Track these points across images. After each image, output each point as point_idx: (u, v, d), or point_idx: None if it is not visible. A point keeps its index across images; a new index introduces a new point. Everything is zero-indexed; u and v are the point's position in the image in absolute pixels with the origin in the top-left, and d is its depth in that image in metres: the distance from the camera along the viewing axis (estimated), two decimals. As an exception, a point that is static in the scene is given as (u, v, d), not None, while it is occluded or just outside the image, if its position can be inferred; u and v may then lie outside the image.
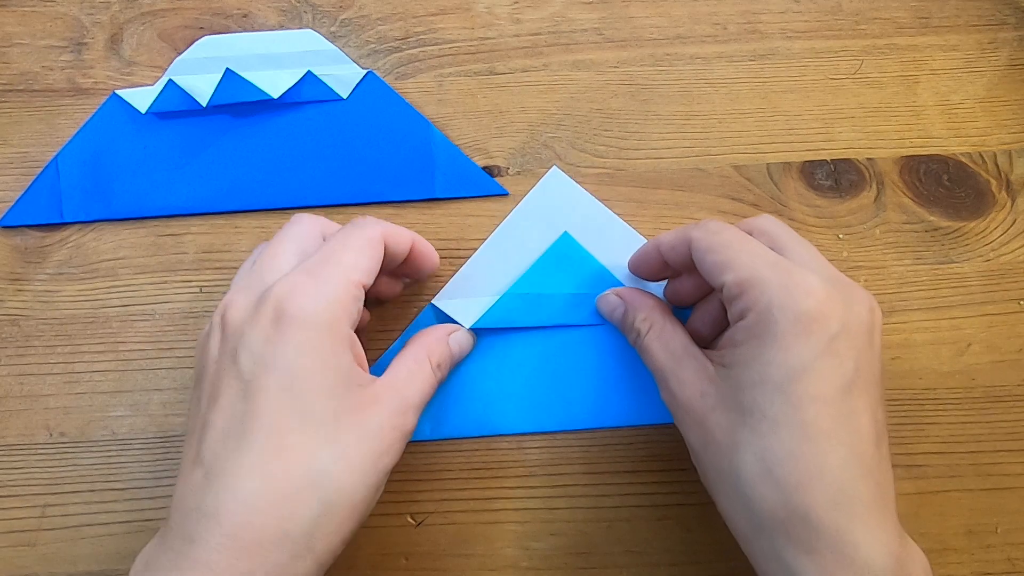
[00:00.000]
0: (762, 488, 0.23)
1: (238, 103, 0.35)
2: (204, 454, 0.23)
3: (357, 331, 0.26)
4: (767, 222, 0.28)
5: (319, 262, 0.25)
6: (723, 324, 0.28)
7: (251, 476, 0.22)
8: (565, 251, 0.33)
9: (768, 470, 0.23)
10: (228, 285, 0.34)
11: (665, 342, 0.28)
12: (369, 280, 0.26)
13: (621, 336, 0.33)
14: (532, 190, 0.35)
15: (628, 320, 0.30)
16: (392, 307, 0.34)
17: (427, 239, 0.34)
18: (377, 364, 0.32)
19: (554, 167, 0.35)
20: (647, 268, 0.31)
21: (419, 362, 0.28)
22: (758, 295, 0.25)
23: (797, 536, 0.23)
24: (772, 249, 0.27)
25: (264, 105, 0.36)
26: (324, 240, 0.27)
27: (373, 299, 0.32)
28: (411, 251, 0.29)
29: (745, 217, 0.35)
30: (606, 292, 0.32)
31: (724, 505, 0.25)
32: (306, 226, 0.28)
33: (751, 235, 0.28)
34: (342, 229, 0.27)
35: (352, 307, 0.25)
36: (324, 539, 0.23)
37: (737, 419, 0.24)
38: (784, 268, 0.25)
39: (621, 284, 0.33)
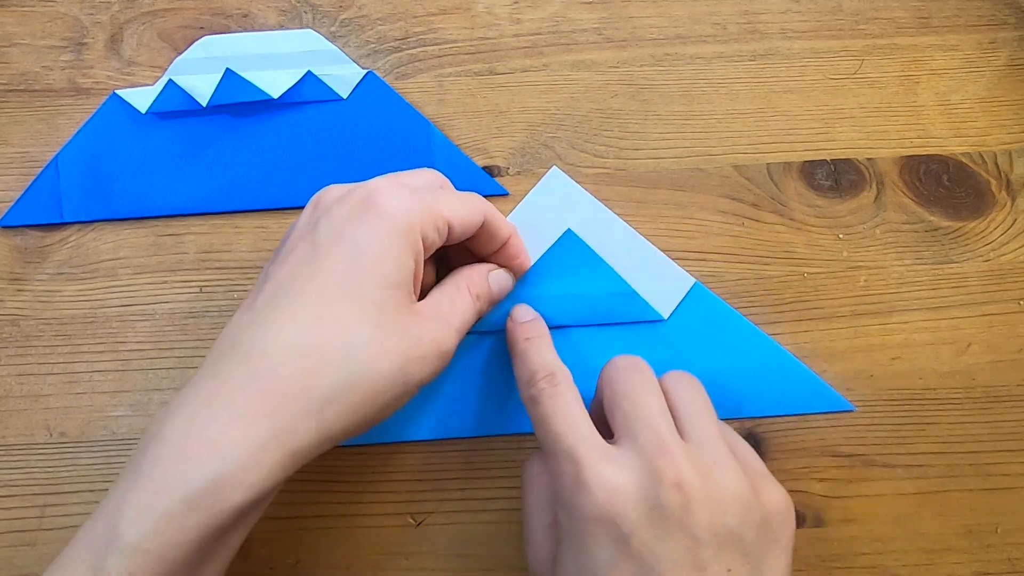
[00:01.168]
0: None
1: (238, 103, 0.35)
2: (257, 302, 0.24)
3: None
4: (609, 369, 0.27)
5: (423, 186, 0.27)
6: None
7: (290, 326, 0.23)
8: (569, 248, 0.33)
9: None
10: (228, 285, 0.34)
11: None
12: (457, 225, 0.27)
13: (621, 336, 0.33)
14: (532, 190, 0.35)
15: (525, 370, 0.28)
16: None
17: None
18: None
19: (554, 167, 0.35)
20: None
21: (460, 290, 0.28)
22: (558, 492, 0.25)
23: None
24: (608, 407, 0.26)
25: (264, 105, 0.36)
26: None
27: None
28: (505, 245, 0.30)
29: (744, 217, 0.35)
30: (522, 314, 0.31)
31: None
32: (431, 175, 0.29)
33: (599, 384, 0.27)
34: (453, 191, 0.29)
35: (432, 231, 0.26)
36: (337, 410, 0.23)
37: None
38: (577, 460, 0.24)
39: (623, 281, 0.33)
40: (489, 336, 0.33)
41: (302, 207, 0.34)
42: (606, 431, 0.26)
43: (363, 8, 0.38)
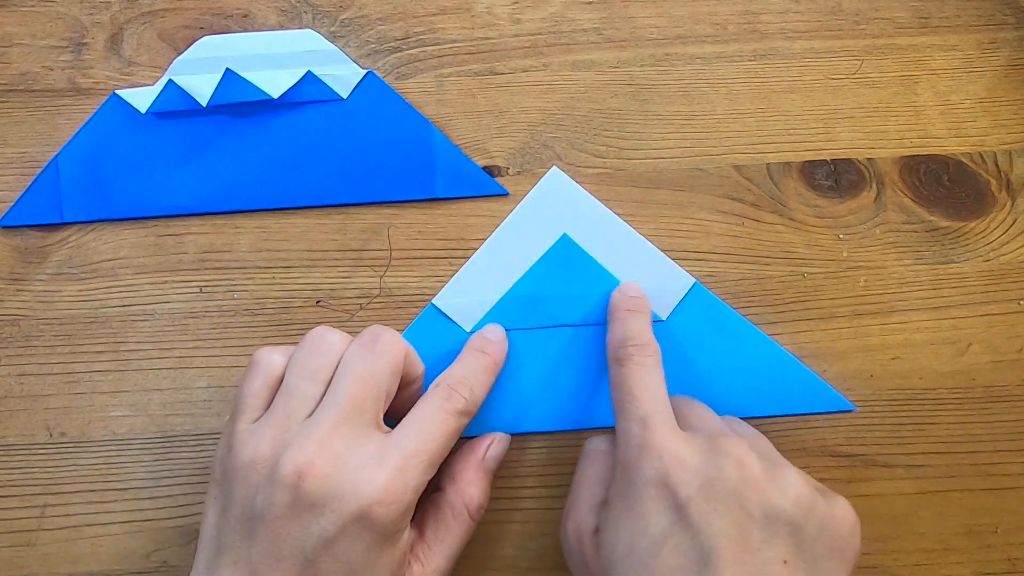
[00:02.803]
0: None
1: (238, 103, 0.35)
2: None
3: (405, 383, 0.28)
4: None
5: (414, 461, 0.25)
6: None
7: None
8: (565, 253, 0.33)
9: None
10: (228, 285, 0.34)
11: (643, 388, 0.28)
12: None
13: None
14: (532, 190, 0.35)
15: (620, 333, 0.30)
16: (393, 307, 0.34)
17: (427, 239, 0.34)
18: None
19: (554, 167, 0.35)
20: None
21: (459, 519, 0.28)
22: (622, 452, 0.26)
23: None
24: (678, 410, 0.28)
25: (264, 105, 0.36)
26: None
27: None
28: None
29: (744, 217, 0.35)
30: (630, 288, 0.32)
31: None
32: (391, 361, 0.27)
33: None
34: (434, 402, 0.27)
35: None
36: None
37: (619, 550, 0.25)
38: (648, 425, 0.25)
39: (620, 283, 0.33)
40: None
41: (302, 207, 0.35)
42: None
43: (363, 8, 0.38)
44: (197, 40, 0.36)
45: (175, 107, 0.35)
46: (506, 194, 0.35)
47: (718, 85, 0.37)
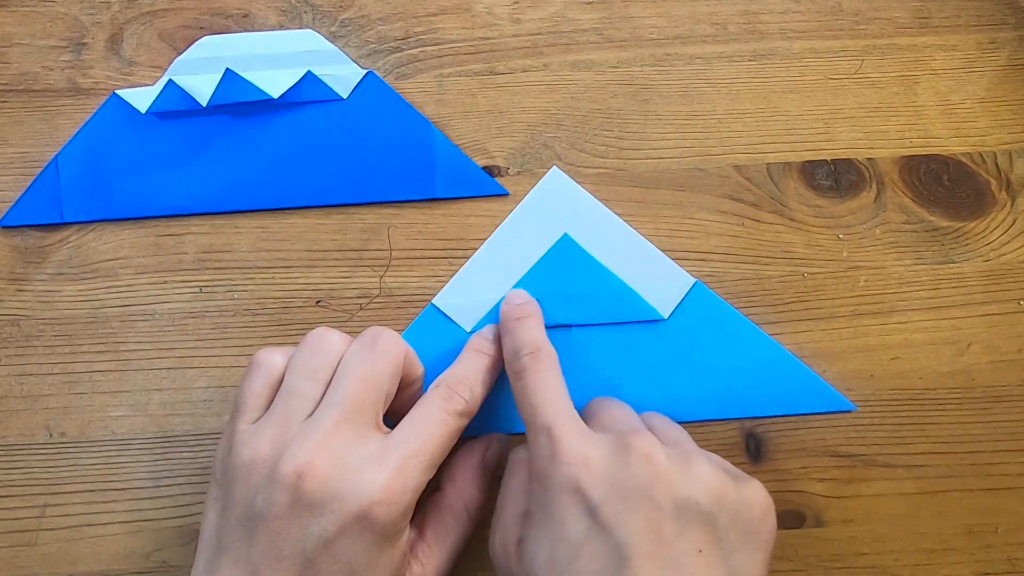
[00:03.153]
0: None
1: (238, 103, 0.35)
2: None
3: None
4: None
5: (414, 461, 0.25)
6: None
7: None
8: (565, 253, 0.33)
9: None
10: (228, 285, 0.34)
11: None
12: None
13: (621, 336, 0.33)
14: (532, 190, 0.35)
15: (512, 345, 0.29)
16: (393, 306, 0.34)
17: (427, 239, 0.34)
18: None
19: (554, 167, 0.35)
20: None
21: (458, 519, 0.28)
22: (534, 463, 0.26)
23: None
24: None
25: (264, 105, 0.36)
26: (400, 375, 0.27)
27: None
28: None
29: (744, 217, 0.35)
30: (515, 296, 0.32)
31: None
32: (391, 363, 0.27)
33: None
34: (433, 403, 0.27)
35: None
36: None
37: (540, 563, 0.25)
38: (554, 432, 0.25)
39: (622, 283, 0.33)
40: None
41: (303, 207, 0.35)
42: None
43: (363, 8, 0.38)
44: (197, 40, 0.36)
45: (175, 107, 0.35)
46: (506, 194, 0.35)
47: (718, 85, 0.37)
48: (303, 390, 0.26)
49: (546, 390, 0.27)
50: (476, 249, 0.34)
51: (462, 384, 0.28)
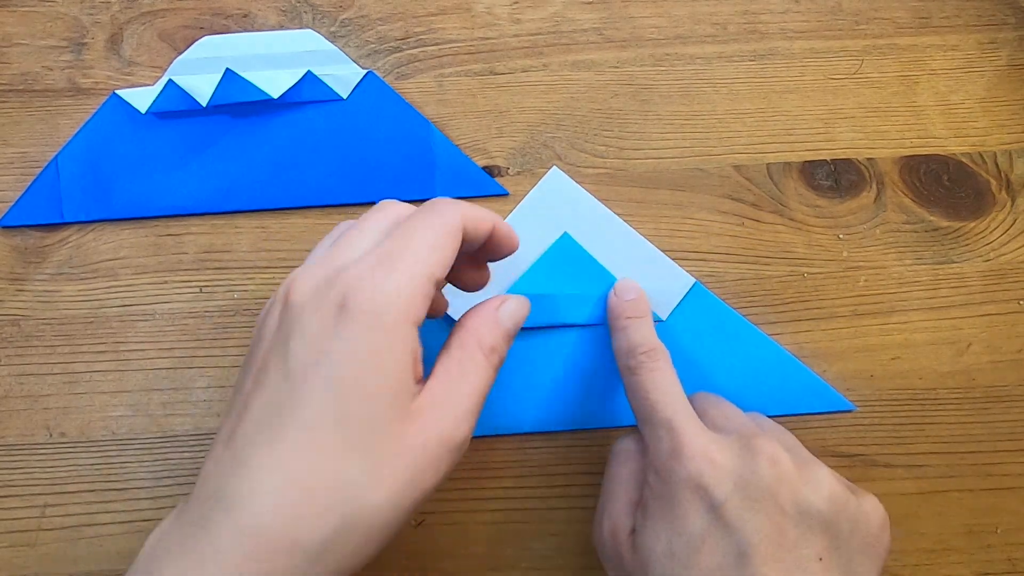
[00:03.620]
0: None
1: (238, 103, 0.35)
2: (237, 435, 0.22)
3: (432, 316, 0.25)
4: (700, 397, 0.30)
5: (392, 252, 0.23)
6: None
7: (275, 472, 0.21)
8: (565, 251, 0.33)
9: None
10: (228, 285, 0.34)
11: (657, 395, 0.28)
12: (443, 273, 0.23)
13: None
14: (532, 190, 0.35)
15: (626, 343, 0.30)
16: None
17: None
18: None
19: (553, 167, 0.35)
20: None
21: (468, 354, 0.24)
22: (653, 457, 0.26)
23: None
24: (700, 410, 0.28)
25: (264, 105, 0.36)
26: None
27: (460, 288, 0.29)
28: (492, 234, 0.26)
29: (744, 217, 0.35)
30: (626, 289, 0.32)
31: None
32: (393, 212, 0.25)
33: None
34: (418, 211, 0.24)
35: (421, 305, 0.22)
36: (338, 556, 0.21)
37: (659, 553, 0.25)
38: (675, 428, 0.25)
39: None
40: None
41: (303, 207, 0.35)
42: None
43: (363, 8, 0.38)
44: (197, 40, 0.36)
45: (175, 107, 0.35)
46: (506, 194, 0.35)
47: (718, 85, 0.37)
48: (356, 231, 0.24)
49: (664, 387, 0.27)
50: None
51: (458, 213, 0.25)
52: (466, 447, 0.24)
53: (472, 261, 0.28)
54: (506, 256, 0.28)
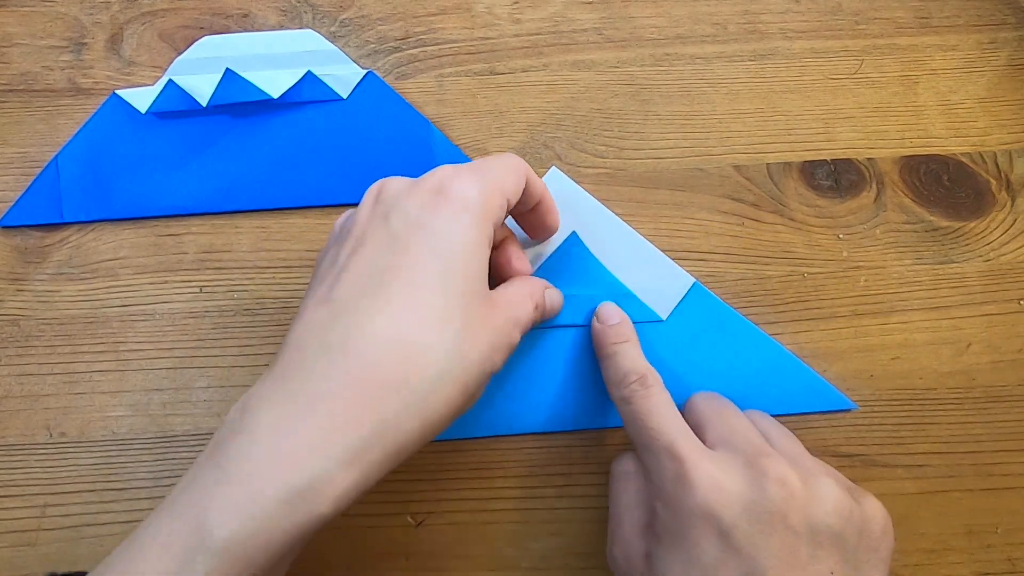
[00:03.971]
0: None
1: (238, 103, 0.35)
2: (336, 294, 0.23)
3: None
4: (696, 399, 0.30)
5: (476, 167, 0.25)
6: None
7: (383, 319, 0.22)
8: (571, 252, 0.33)
9: None
10: (228, 285, 0.34)
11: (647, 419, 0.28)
12: (513, 199, 0.26)
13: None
14: (532, 190, 0.35)
15: (616, 372, 0.29)
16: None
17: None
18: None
19: (553, 167, 0.35)
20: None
21: (526, 293, 0.27)
22: (658, 487, 0.26)
23: None
24: (695, 424, 0.28)
25: (264, 105, 0.36)
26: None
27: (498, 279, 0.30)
28: (539, 203, 0.29)
29: (744, 217, 0.35)
30: (609, 315, 0.32)
31: None
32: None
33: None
34: (491, 155, 0.27)
35: (499, 213, 0.25)
36: (438, 401, 0.22)
37: None
38: (678, 455, 0.25)
39: (623, 287, 0.33)
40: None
41: (303, 207, 0.35)
42: None
43: (363, 8, 0.38)
44: (197, 40, 0.36)
45: (175, 107, 0.35)
46: (506, 194, 0.35)
47: (718, 85, 0.37)
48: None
49: (661, 412, 0.27)
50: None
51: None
52: (512, 352, 0.26)
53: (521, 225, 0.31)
54: (545, 236, 0.31)
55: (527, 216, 0.30)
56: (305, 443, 0.20)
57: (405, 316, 0.22)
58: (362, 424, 0.21)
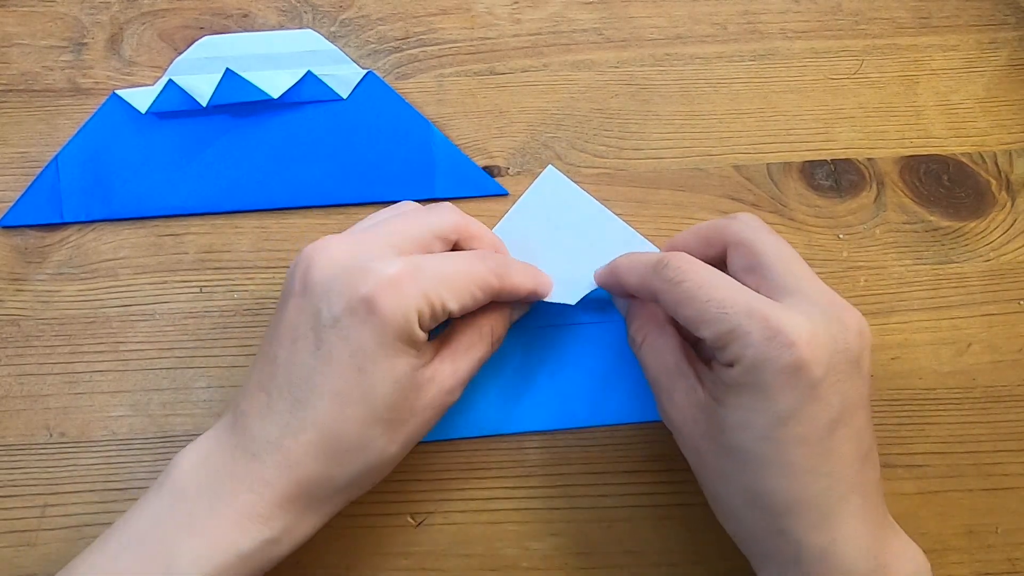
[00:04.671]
0: (751, 513, 0.25)
1: (238, 103, 0.35)
2: (272, 388, 0.26)
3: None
4: (743, 228, 0.28)
5: (431, 276, 0.26)
6: None
7: (313, 429, 0.25)
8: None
9: (754, 500, 0.25)
10: (228, 285, 0.34)
11: (658, 355, 0.28)
12: (459, 310, 0.27)
13: (620, 333, 0.33)
14: (528, 189, 0.35)
15: (627, 325, 0.30)
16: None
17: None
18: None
19: (549, 166, 0.35)
20: (617, 292, 0.31)
21: (476, 337, 0.29)
22: (740, 350, 0.24)
23: (784, 551, 0.25)
24: (750, 267, 0.27)
25: (264, 105, 0.36)
26: (450, 244, 0.29)
27: None
28: (531, 294, 0.30)
29: (745, 217, 0.35)
30: (608, 275, 0.30)
31: (719, 514, 0.27)
32: (445, 219, 0.29)
33: (728, 247, 0.28)
34: (469, 254, 0.29)
35: (435, 322, 0.27)
36: (357, 488, 0.27)
37: (724, 453, 0.26)
38: (762, 314, 0.24)
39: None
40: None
41: (303, 207, 0.35)
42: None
43: (363, 8, 0.38)
44: (197, 40, 0.36)
45: (175, 107, 0.35)
46: (506, 194, 0.35)
47: (718, 85, 0.37)
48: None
49: (719, 280, 0.26)
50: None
51: (495, 273, 0.28)
52: (449, 407, 0.29)
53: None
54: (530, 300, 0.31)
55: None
56: (258, 517, 0.25)
57: (331, 428, 0.25)
58: (298, 504, 0.26)
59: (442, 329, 0.29)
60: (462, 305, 0.27)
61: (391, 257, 0.26)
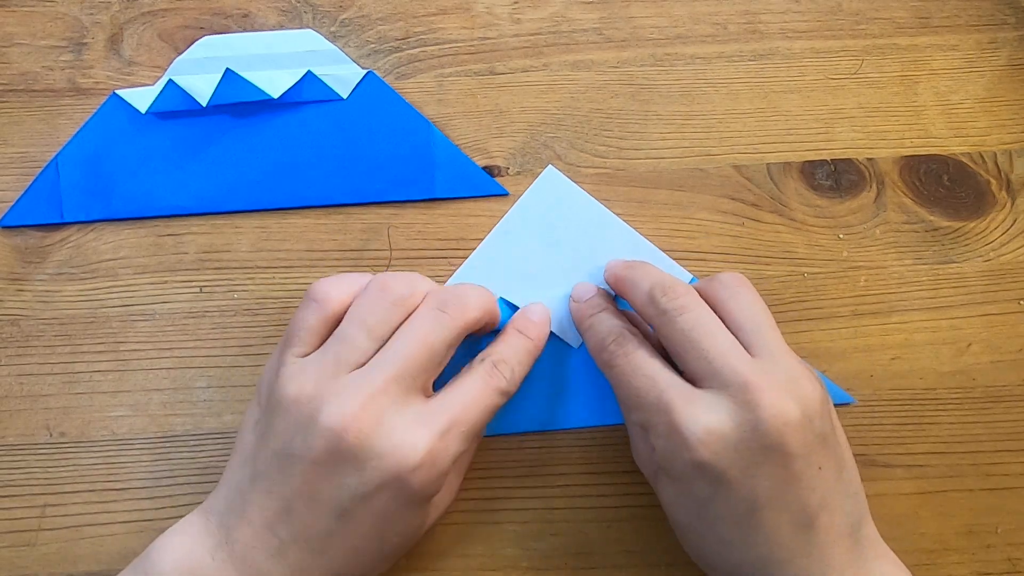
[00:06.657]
0: (705, 566, 0.27)
1: (238, 103, 0.35)
2: (285, 536, 0.25)
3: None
4: (720, 289, 0.28)
5: (456, 436, 0.26)
6: None
7: (324, 572, 0.25)
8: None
9: (700, 558, 0.27)
10: (228, 285, 0.34)
11: (624, 398, 0.28)
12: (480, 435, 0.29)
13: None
14: (528, 189, 0.35)
15: (595, 340, 0.29)
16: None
17: (427, 239, 0.35)
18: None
19: (549, 166, 0.35)
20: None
21: (470, 454, 0.30)
22: (654, 440, 0.26)
23: None
24: (729, 324, 0.27)
25: (264, 105, 0.36)
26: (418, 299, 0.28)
27: None
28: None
29: (744, 217, 0.35)
30: (582, 292, 0.32)
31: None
32: (403, 293, 0.27)
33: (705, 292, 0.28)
34: (469, 384, 0.27)
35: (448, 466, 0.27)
36: None
37: (673, 505, 0.27)
38: (668, 409, 0.25)
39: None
40: (488, 335, 0.33)
41: (302, 207, 0.35)
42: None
43: (363, 8, 0.38)
44: (197, 40, 0.36)
45: (175, 107, 0.35)
46: (506, 194, 0.35)
47: (718, 85, 0.37)
48: (358, 342, 0.26)
49: (642, 368, 0.27)
50: (476, 249, 0.34)
51: (504, 363, 0.28)
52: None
53: None
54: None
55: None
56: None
57: (342, 571, 0.26)
58: None
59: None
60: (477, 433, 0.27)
61: (418, 427, 0.25)
